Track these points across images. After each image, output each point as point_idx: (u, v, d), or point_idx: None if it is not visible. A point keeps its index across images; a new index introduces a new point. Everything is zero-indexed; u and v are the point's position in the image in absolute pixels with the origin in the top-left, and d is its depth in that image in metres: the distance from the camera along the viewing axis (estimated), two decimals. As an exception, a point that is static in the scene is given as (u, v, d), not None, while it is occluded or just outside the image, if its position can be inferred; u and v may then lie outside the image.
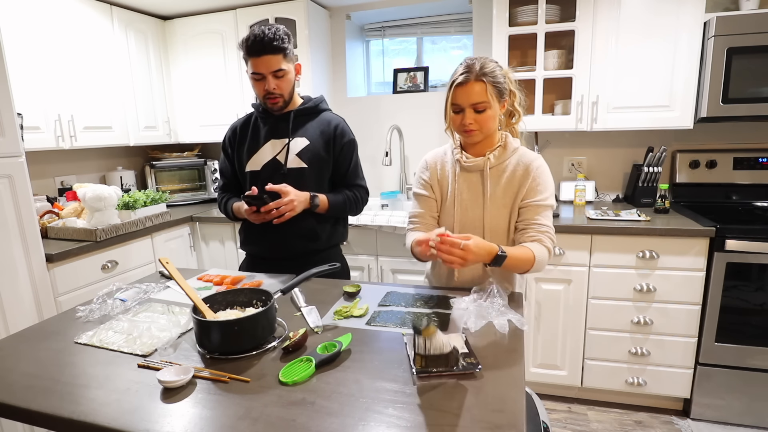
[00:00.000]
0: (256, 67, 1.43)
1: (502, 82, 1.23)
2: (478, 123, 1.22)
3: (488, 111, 1.21)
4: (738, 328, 1.96)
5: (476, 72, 1.19)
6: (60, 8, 2.25)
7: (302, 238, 1.56)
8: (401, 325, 1.12)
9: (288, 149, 1.54)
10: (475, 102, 1.20)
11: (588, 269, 2.09)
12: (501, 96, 1.23)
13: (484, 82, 1.19)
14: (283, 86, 1.48)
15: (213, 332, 0.99)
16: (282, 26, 1.45)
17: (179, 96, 2.95)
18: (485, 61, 1.22)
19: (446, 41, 3.03)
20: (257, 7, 2.66)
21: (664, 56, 2.12)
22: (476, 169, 1.31)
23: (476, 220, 1.31)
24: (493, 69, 1.21)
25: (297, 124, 1.57)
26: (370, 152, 2.95)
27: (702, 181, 2.40)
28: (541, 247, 1.22)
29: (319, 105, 1.62)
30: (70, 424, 0.80)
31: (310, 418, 0.77)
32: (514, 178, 1.28)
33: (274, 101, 1.50)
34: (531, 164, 1.27)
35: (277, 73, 1.44)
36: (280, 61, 1.43)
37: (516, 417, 0.76)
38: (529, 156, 1.30)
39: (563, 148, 2.65)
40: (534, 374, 2.25)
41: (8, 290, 1.70)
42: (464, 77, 1.19)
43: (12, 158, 1.72)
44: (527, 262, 1.19)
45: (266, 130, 1.58)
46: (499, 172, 1.30)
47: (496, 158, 1.29)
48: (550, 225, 1.26)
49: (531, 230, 1.25)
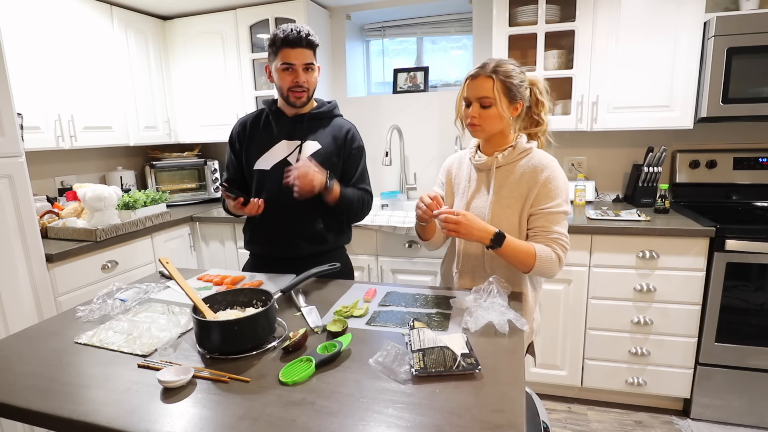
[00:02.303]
0: (289, 57, 1.44)
1: (517, 84, 1.22)
2: (481, 118, 1.24)
3: (493, 108, 1.22)
4: (738, 328, 1.96)
5: (489, 68, 1.22)
6: (60, 8, 2.25)
7: (309, 241, 1.55)
8: (401, 325, 1.12)
9: (300, 151, 1.53)
10: (480, 96, 1.22)
11: (588, 269, 2.09)
12: (512, 97, 1.23)
13: (494, 79, 1.21)
14: (311, 81, 1.49)
15: (213, 332, 0.99)
16: None
17: (179, 96, 2.95)
18: (504, 61, 1.23)
19: (446, 41, 3.03)
20: (257, 7, 2.66)
21: (664, 56, 2.12)
22: (485, 168, 1.33)
23: (481, 217, 1.31)
24: (509, 69, 1.22)
25: (310, 127, 1.57)
26: (370, 152, 2.91)
27: (702, 181, 2.40)
28: (547, 249, 1.22)
29: (333, 110, 1.63)
30: (70, 424, 0.79)
31: (310, 418, 0.77)
32: (522, 179, 1.27)
33: (300, 95, 1.49)
34: (541, 169, 1.25)
35: (308, 66, 1.46)
36: (311, 56, 1.46)
37: (516, 417, 0.76)
38: (541, 160, 1.27)
39: (563, 148, 2.65)
40: (534, 374, 2.25)
41: (8, 290, 1.70)
42: (476, 71, 1.24)
43: (12, 158, 1.72)
44: (528, 255, 1.20)
45: (278, 130, 1.57)
46: (507, 171, 1.30)
47: (505, 158, 1.29)
48: (562, 232, 1.24)
49: (540, 237, 1.24)
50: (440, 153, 2.84)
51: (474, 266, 1.36)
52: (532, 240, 1.26)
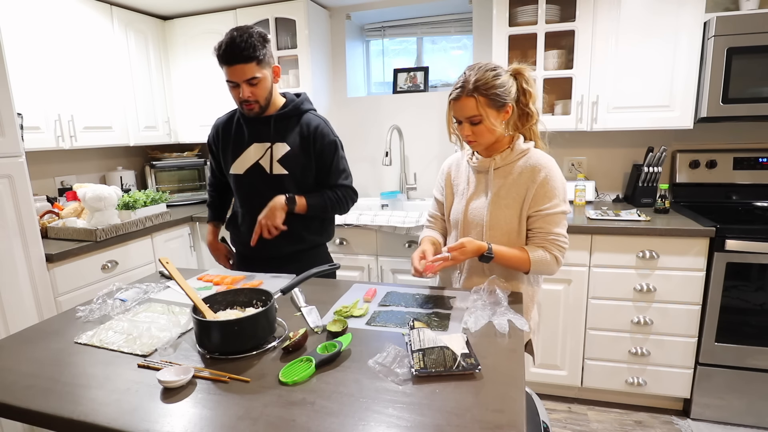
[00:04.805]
0: (229, 75, 1.41)
1: (501, 92, 1.22)
2: (475, 134, 1.26)
3: (484, 123, 1.23)
4: (738, 328, 1.96)
5: (468, 88, 1.21)
6: (60, 8, 2.25)
7: (286, 240, 1.56)
8: (401, 325, 1.12)
9: (271, 154, 1.53)
10: (468, 116, 1.23)
11: (588, 269, 2.09)
12: (500, 105, 1.23)
13: (476, 97, 1.20)
14: (258, 93, 1.45)
15: (213, 332, 0.99)
16: (257, 29, 1.42)
17: (179, 96, 2.95)
18: (482, 72, 1.21)
19: (446, 41, 3.03)
20: (257, 7, 2.66)
21: (664, 56, 2.12)
22: (483, 169, 1.35)
23: (479, 218, 1.33)
24: (488, 80, 1.20)
25: (278, 128, 1.55)
26: (370, 152, 2.95)
27: (702, 181, 2.40)
28: (542, 252, 1.25)
29: (301, 106, 1.58)
30: (70, 424, 0.79)
31: (310, 418, 0.77)
32: (520, 180, 1.28)
33: (250, 107, 1.48)
34: (539, 169, 1.26)
35: (250, 81, 1.41)
36: (252, 69, 1.40)
37: (516, 417, 0.76)
38: (539, 160, 1.28)
39: (563, 148, 2.65)
40: (534, 374, 2.25)
41: (8, 290, 1.70)
42: (457, 93, 1.23)
43: (12, 158, 1.72)
44: (522, 261, 1.25)
45: (249, 133, 1.57)
46: (505, 173, 1.31)
47: (503, 159, 1.31)
48: (559, 233, 1.26)
49: (538, 239, 1.27)
50: (440, 153, 2.84)
51: (471, 266, 1.38)
52: (530, 241, 1.29)
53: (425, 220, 1.56)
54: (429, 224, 1.53)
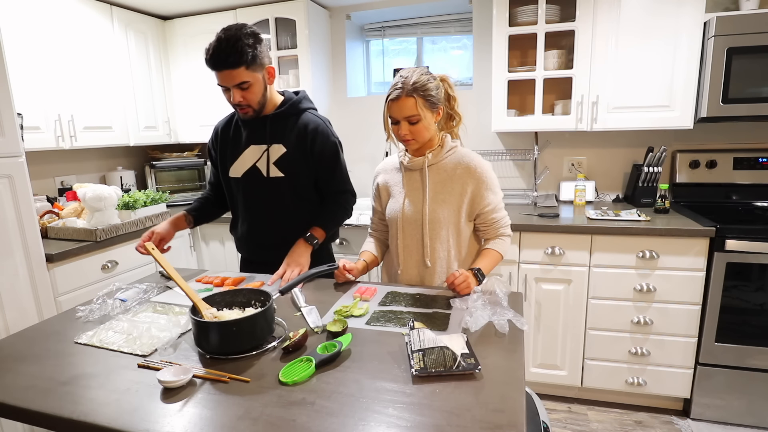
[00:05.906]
0: (219, 79, 1.38)
1: (435, 94, 1.31)
2: (412, 133, 1.33)
3: (421, 122, 1.31)
4: (738, 328, 1.96)
5: (408, 88, 1.28)
6: (60, 8, 2.25)
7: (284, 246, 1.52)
8: (401, 325, 1.12)
9: (268, 156, 1.50)
10: (407, 115, 1.30)
11: (588, 269, 2.09)
12: (434, 106, 1.32)
13: (415, 97, 1.28)
14: (249, 97, 1.40)
15: (211, 333, 0.99)
16: (248, 29, 1.35)
17: (179, 96, 2.95)
18: (418, 75, 1.30)
19: (446, 41, 3.03)
20: (257, 7, 2.66)
21: (664, 56, 2.12)
22: (417, 168, 1.41)
23: (417, 213, 1.40)
24: (425, 83, 1.29)
25: (275, 128, 1.50)
26: (371, 152, 2.95)
27: (702, 181, 2.40)
28: (501, 242, 1.43)
29: (299, 105, 1.53)
30: (70, 424, 0.79)
31: (310, 418, 0.77)
32: (455, 176, 1.38)
33: (244, 111, 1.45)
34: (473, 167, 1.37)
35: (240, 85, 1.36)
36: (241, 74, 1.34)
37: (516, 417, 0.76)
38: (472, 159, 1.39)
39: (563, 148, 2.65)
40: (534, 374, 2.25)
41: (8, 290, 1.70)
42: (397, 93, 1.29)
43: (12, 158, 1.72)
44: (497, 260, 1.42)
45: (246, 135, 1.53)
46: (438, 169, 1.40)
47: (435, 156, 1.40)
48: (503, 215, 1.44)
49: (490, 231, 1.44)
50: (440, 153, 2.83)
51: (417, 260, 1.44)
52: (485, 234, 1.45)
53: (369, 229, 1.63)
54: (371, 233, 1.61)
